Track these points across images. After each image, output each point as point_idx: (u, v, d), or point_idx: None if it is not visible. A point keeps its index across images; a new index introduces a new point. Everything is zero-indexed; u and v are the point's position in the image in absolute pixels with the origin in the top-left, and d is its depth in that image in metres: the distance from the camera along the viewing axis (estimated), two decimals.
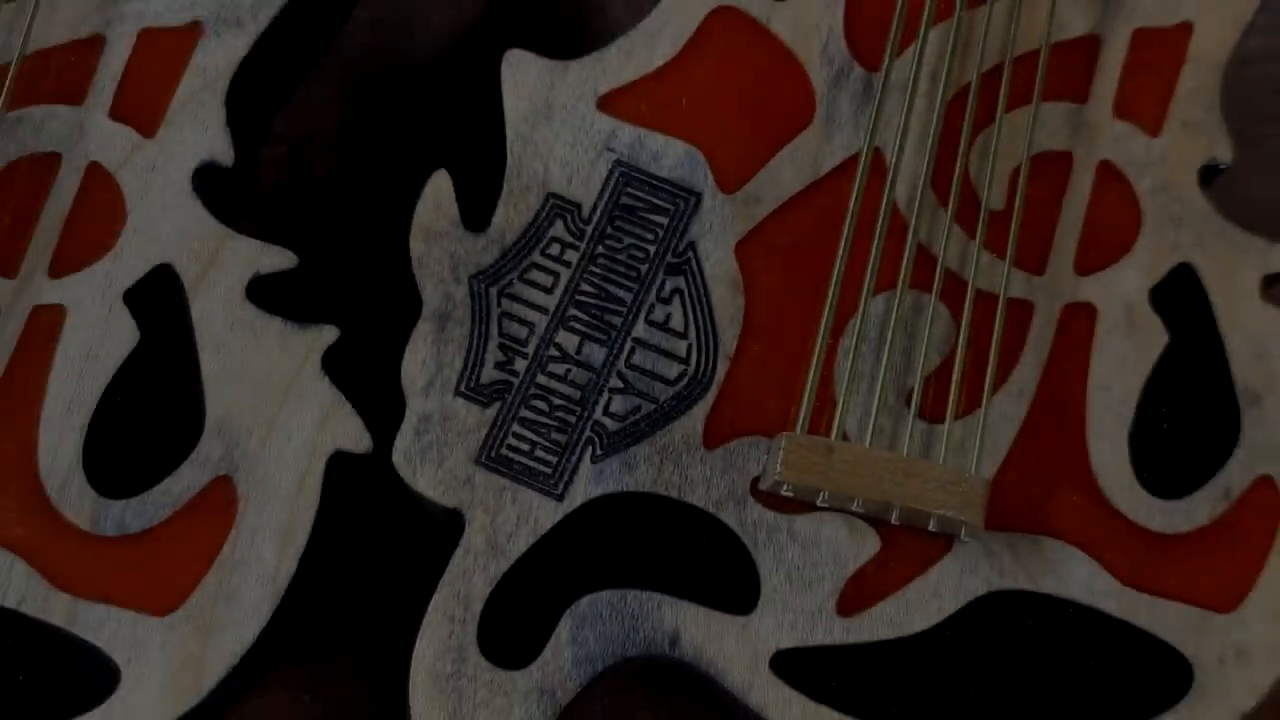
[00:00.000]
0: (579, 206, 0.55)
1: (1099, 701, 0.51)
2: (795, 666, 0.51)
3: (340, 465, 0.52)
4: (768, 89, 0.56)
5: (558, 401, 0.52)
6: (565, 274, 0.54)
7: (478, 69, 0.68)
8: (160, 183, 0.55)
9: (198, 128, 0.55)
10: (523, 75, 0.56)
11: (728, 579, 0.51)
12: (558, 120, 0.55)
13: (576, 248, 0.54)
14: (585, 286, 0.54)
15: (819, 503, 0.51)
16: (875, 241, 0.54)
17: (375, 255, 0.59)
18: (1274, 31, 0.67)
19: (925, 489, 0.50)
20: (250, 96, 0.58)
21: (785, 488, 0.51)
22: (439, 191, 0.55)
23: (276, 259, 0.54)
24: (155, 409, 0.53)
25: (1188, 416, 0.54)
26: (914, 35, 0.56)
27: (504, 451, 0.52)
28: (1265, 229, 0.57)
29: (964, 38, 0.56)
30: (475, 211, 0.55)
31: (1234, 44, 0.57)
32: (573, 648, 0.50)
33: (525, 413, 0.52)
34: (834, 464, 0.50)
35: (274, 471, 0.52)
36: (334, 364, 0.53)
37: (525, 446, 0.52)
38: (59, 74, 0.56)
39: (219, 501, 0.52)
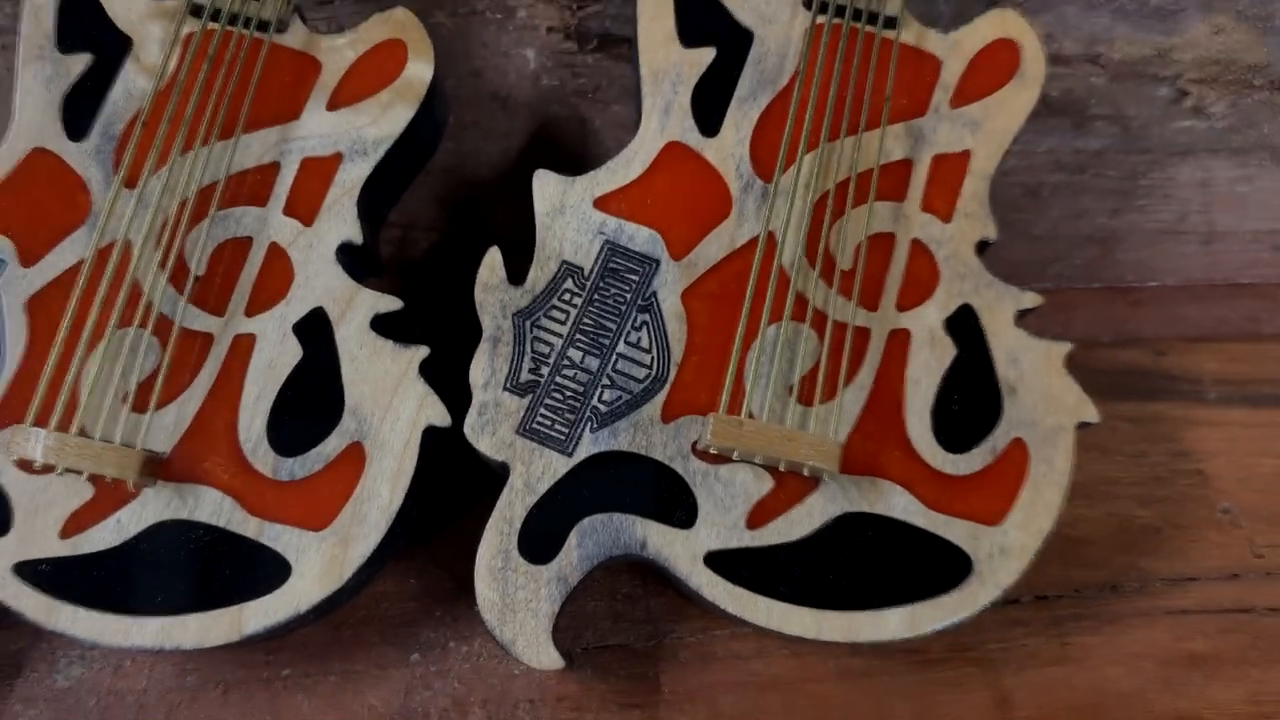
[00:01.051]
0: (582, 269, 0.54)
1: (913, 582, 0.51)
2: (721, 561, 0.51)
3: (431, 435, 0.52)
4: (701, 193, 0.55)
5: (569, 394, 0.52)
6: (573, 312, 0.53)
7: (522, 180, 0.68)
8: (316, 255, 0.54)
9: (339, 220, 0.55)
10: (546, 186, 0.55)
11: (678, 505, 0.51)
12: (568, 214, 0.55)
13: (581, 295, 0.54)
14: (586, 320, 0.53)
15: (734, 457, 0.51)
16: (769, 291, 0.53)
17: (454, 302, 0.59)
18: (1022, 154, 0.67)
19: (801, 449, 0.50)
20: (374, 199, 0.57)
21: (712, 448, 0.50)
22: (493, 260, 0.54)
23: (389, 304, 0.54)
24: (313, 399, 0.53)
25: (969, 401, 0.53)
26: (794, 159, 0.55)
27: (534, 425, 0.52)
28: (1017, 278, 0.57)
29: (825, 161, 0.55)
30: (517, 272, 0.54)
31: (998, 162, 0.56)
32: (579, 550, 0.50)
33: (548, 401, 0.52)
34: (743, 433, 0.50)
35: (389, 439, 0.52)
36: (427, 370, 0.53)
37: (548, 422, 0.52)
38: (251, 187, 0.55)
39: (354, 458, 0.52)
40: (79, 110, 0.56)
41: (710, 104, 0.56)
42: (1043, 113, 0.66)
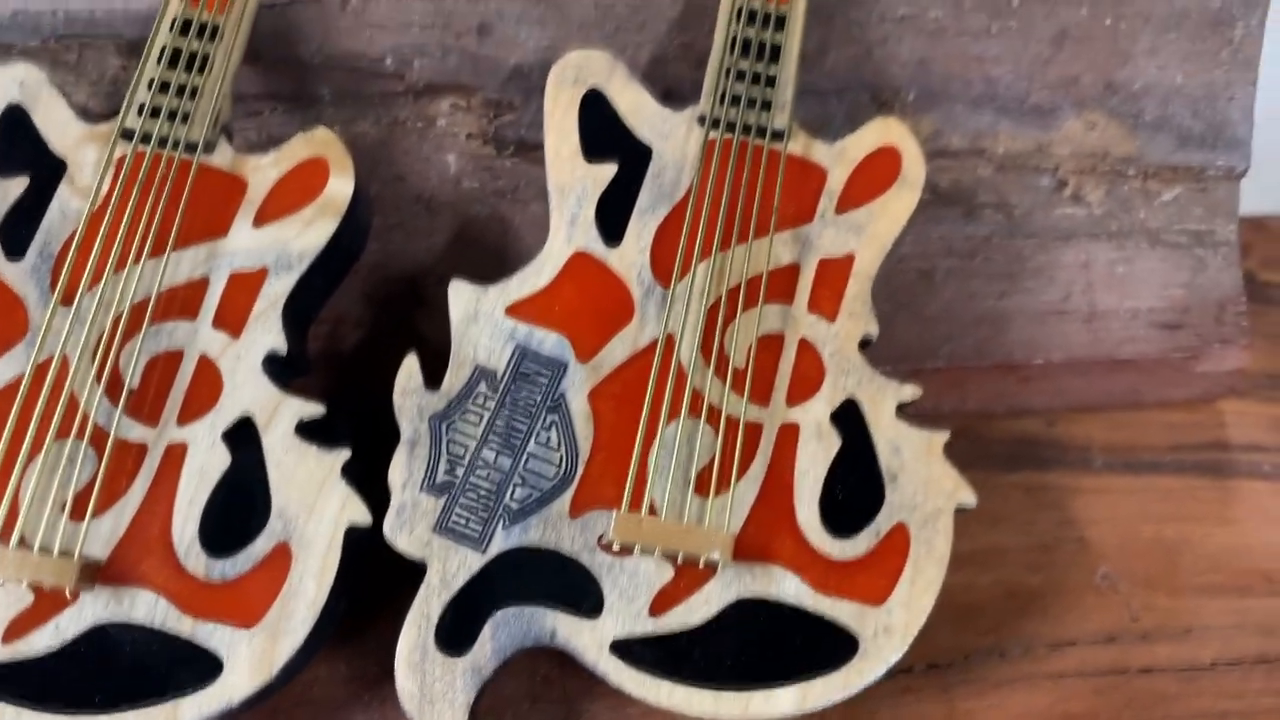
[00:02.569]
0: (495, 373, 0.58)
1: (803, 661, 0.55)
2: (625, 648, 0.55)
3: (354, 534, 0.56)
4: (606, 300, 0.59)
5: (482, 493, 0.57)
6: (487, 415, 0.58)
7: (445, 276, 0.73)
8: (243, 366, 0.58)
9: (265, 332, 0.59)
10: (460, 295, 0.60)
11: (585, 596, 0.55)
12: (482, 321, 0.59)
13: (494, 398, 0.58)
14: (499, 422, 0.58)
15: (637, 551, 0.55)
16: (668, 390, 0.57)
17: (382, 395, 0.61)
18: (916, 241, 0.72)
19: (697, 542, 0.55)
20: (301, 307, 0.61)
21: (615, 544, 0.55)
22: (410, 366, 0.59)
23: (313, 410, 0.58)
24: (242, 503, 0.57)
25: (854, 489, 0.57)
26: (689, 267, 0.59)
27: (450, 524, 0.56)
28: (912, 357, 0.61)
29: (719, 268, 0.59)
30: (433, 376, 0.59)
31: (880, 263, 0.61)
32: (492, 643, 0.54)
33: (463, 500, 0.56)
34: (643, 530, 0.55)
35: (313, 538, 0.56)
36: (349, 471, 0.57)
37: (463, 520, 0.56)
38: (182, 302, 0.59)
39: (281, 558, 0.56)
40: (16, 231, 0.60)
41: (613, 215, 0.61)
42: (934, 202, 0.72)
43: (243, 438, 0.58)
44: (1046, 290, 0.73)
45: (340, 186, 0.61)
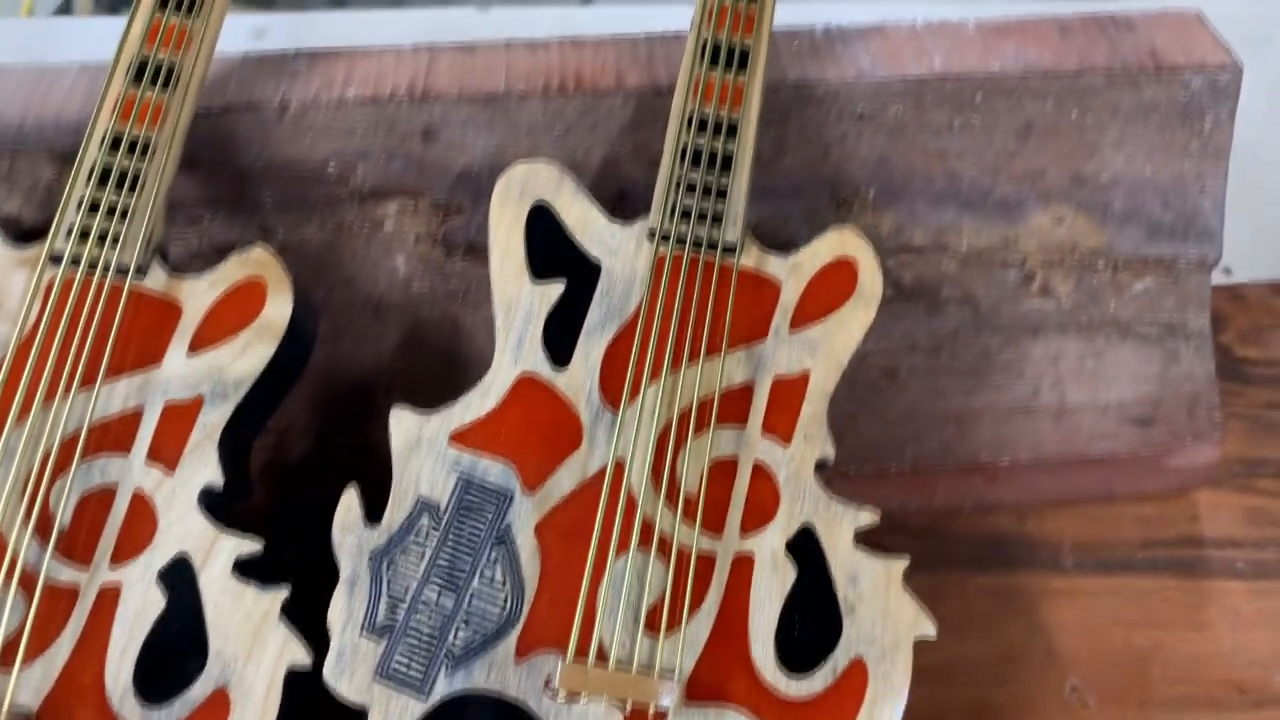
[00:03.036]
0: (438, 505, 0.57)
1: None
2: None
3: (292, 677, 0.54)
4: (553, 425, 0.58)
5: (425, 635, 0.55)
6: (429, 550, 0.56)
7: (396, 382, 0.71)
8: (179, 501, 0.56)
9: (201, 465, 0.57)
10: (402, 423, 0.58)
11: None
12: (424, 450, 0.57)
13: (437, 532, 0.56)
14: (442, 558, 0.56)
15: (582, 699, 0.54)
16: (617, 521, 0.56)
17: (329, 508, 0.59)
18: (879, 338, 0.70)
19: (644, 690, 0.53)
20: (240, 431, 0.59)
21: (561, 694, 0.53)
22: (349, 500, 0.57)
23: (250, 546, 0.56)
24: (178, 646, 0.55)
25: (810, 622, 0.56)
26: (639, 390, 0.57)
27: (391, 669, 0.55)
28: (875, 459, 0.59)
29: (669, 390, 0.58)
30: (374, 510, 0.57)
31: (837, 381, 0.59)
32: None
33: (405, 643, 0.55)
34: (589, 679, 0.53)
35: (252, 682, 0.54)
36: (288, 610, 0.55)
37: (404, 664, 0.55)
38: (115, 435, 0.57)
39: (219, 704, 0.54)
40: None
41: (561, 335, 0.59)
42: (897, 298, 0.70)
43: (178, 578, 0.56)
44: (1015, 386, 0.72)
45: (278, 309, 0.60)
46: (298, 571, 0.58)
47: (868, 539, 0.58)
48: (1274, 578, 0.71)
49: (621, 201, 0.68)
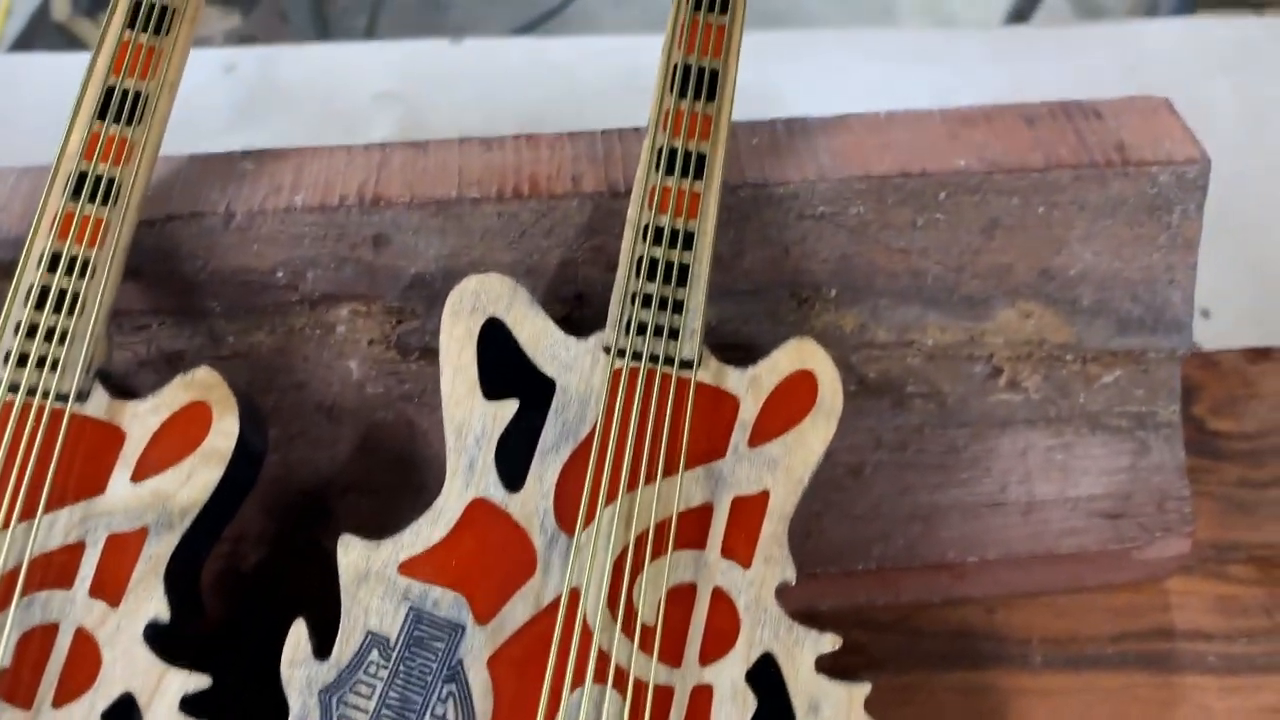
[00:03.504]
0: (388, 639, 0.55)
1: None
2: None
3: None
4: (507, 552, 0.57)
5: None
6: (380, 685, 0.55)
7: (351, 486, 0.70)
8: (123, 637, 0.55)
9: (146, 598, 0.55)
10: (350, 552, 0.57)
11: None
12: (373, 581, 0.56)
13: (387, 667, 0.55)
14: (392, 695, 0.55)
15: None
16: (572, 654, 0.55)
17: (284, 618, 0.59)
18: (843, 434, 0.69)
19: None
20: (189, 556, 0.58)
21: None
22: (298, 634, 0.56)
23: (198, 683, 0.55)
24: None
25: None
26: (594, 513, 0.56)
27: None
28: (840, 560, 0.58)
29: (626, 513, 0.56)
30: (323, 644, 0.56)
31: (797, 501, 0.58)
32: None
33: None
34: None
35: None
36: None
37: None
38: (57, 569, 0.56)
39: None
40: None
41: (514, 457, 0.58)
42: (861, 393, 0.69)
43: (124, 717, 0.55)
44: (982, 481, 0.70)
45: (224, 433, 0.58)
46: (248, 702, 0.57)
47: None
48: (1244, 673, 0.70)
49: (580, 303, 0.67)
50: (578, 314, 0.67)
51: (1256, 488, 0.80)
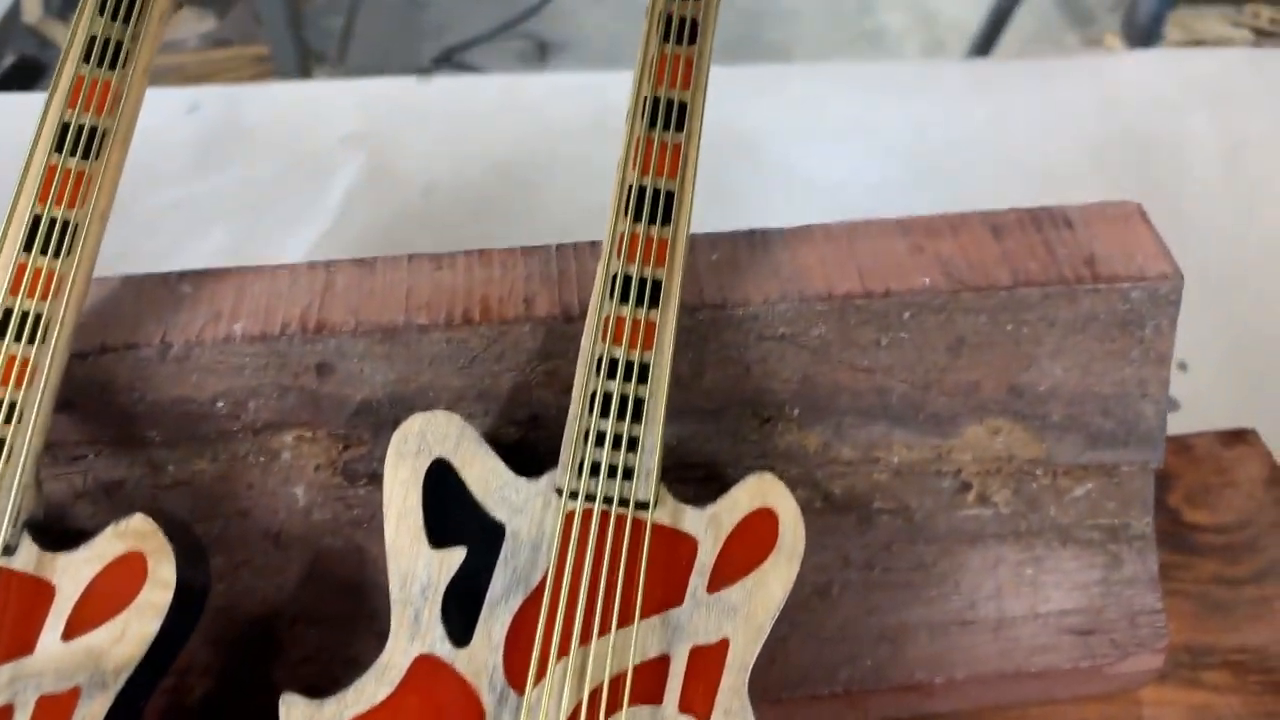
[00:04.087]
0: None
1: None
2: None
3: None
4: (454, 710, 0.54)
5: None
6: None
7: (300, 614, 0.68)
8: None
9: None
10: (293, 712, 0.54)
11: None
12: None
13: None
14: None
15: None
16: None
17: None
18: (808, 552, 0.67)
19: None
20: (125, 710, 0.56)
21: None
22: None
23: None
24: None
25: None
26: (545, 669, 0.54)
27: None
28: (806, 683, 0.56)
29: (579, 667, 0.54)
30: None
31: (757, 651, 0.56)
32: None
33: None
34: None
35: None
36: None
37: None
38: None
39: None
40: None
41: (461, 610, 0.56)
42: (827, 510, 0.67)
43: None
44: (951, 599, 0.69)
45: (160, 584, 0.56)
46: None
47: None
48: None
49: (534, 424, 0.64)
50: (532, 436, 0.64)
51: (1232, 585, 0.78)
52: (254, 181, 1.44)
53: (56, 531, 0.61)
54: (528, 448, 0.64)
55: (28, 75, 2.74)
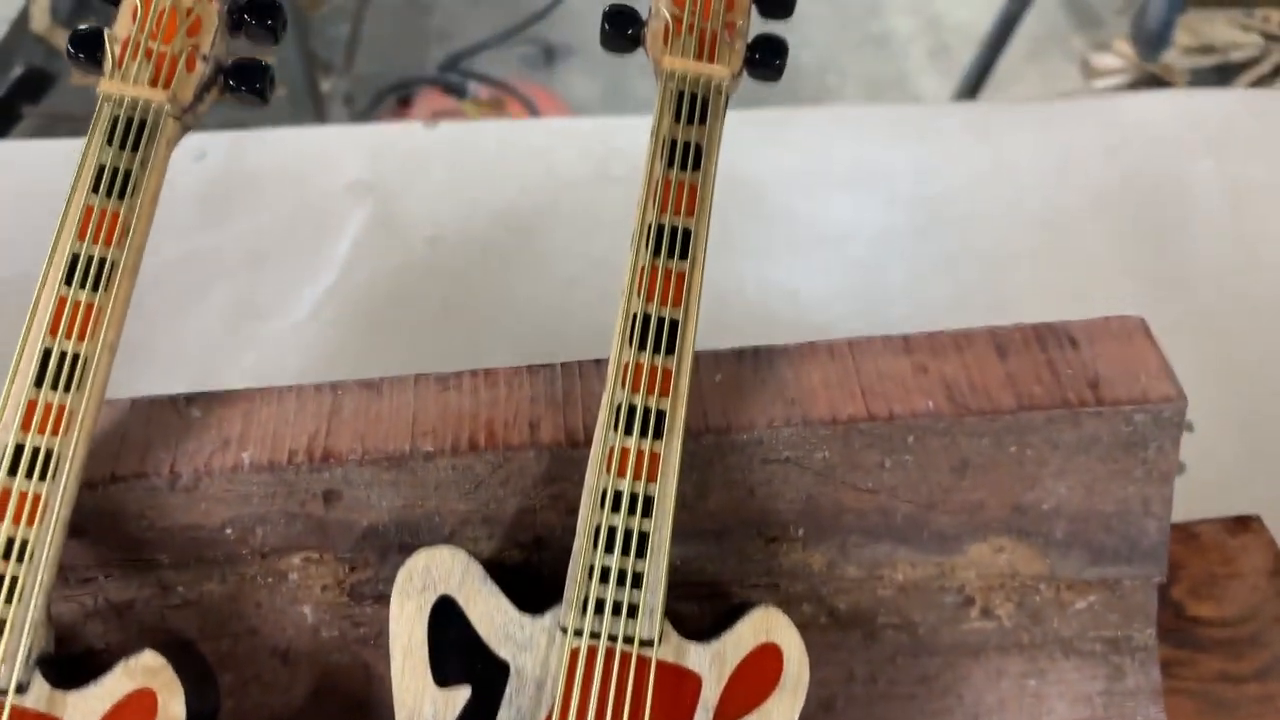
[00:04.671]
0: None
1: None
2: None
3: None
4: None
5: None
6: None
7: None
8: None
9: None
10: None
11: None
12: None
13: None
14: None
15: None
16: None
17: None
18: (813, 667, 0.68)
19: None
20: None
21: None
22: None
23: None
24: None
25: None
26: None
27: None
28: None
29: None
30: None
31: None
32: None
33: None
34: None
35: None
36: None
37: None
38: None
39: None
40: None
41: None
42: (831, 626, 0.68)
43: None
44: (954, 712, 0.69)
45: (171, 718, 0.57)
46: None
47: None
48: None
49: (539, 547, 0.65)
50: (536, 558, 0.65)
51: (1236, 683, 0.78)
52: (260, 232, 1.44)
53: (67, 655, 0.62)
54: (532, 569, 0.65)
55: (36, 85, 2.75)
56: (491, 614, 0.58)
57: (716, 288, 0.69)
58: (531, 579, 0.64)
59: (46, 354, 0.59)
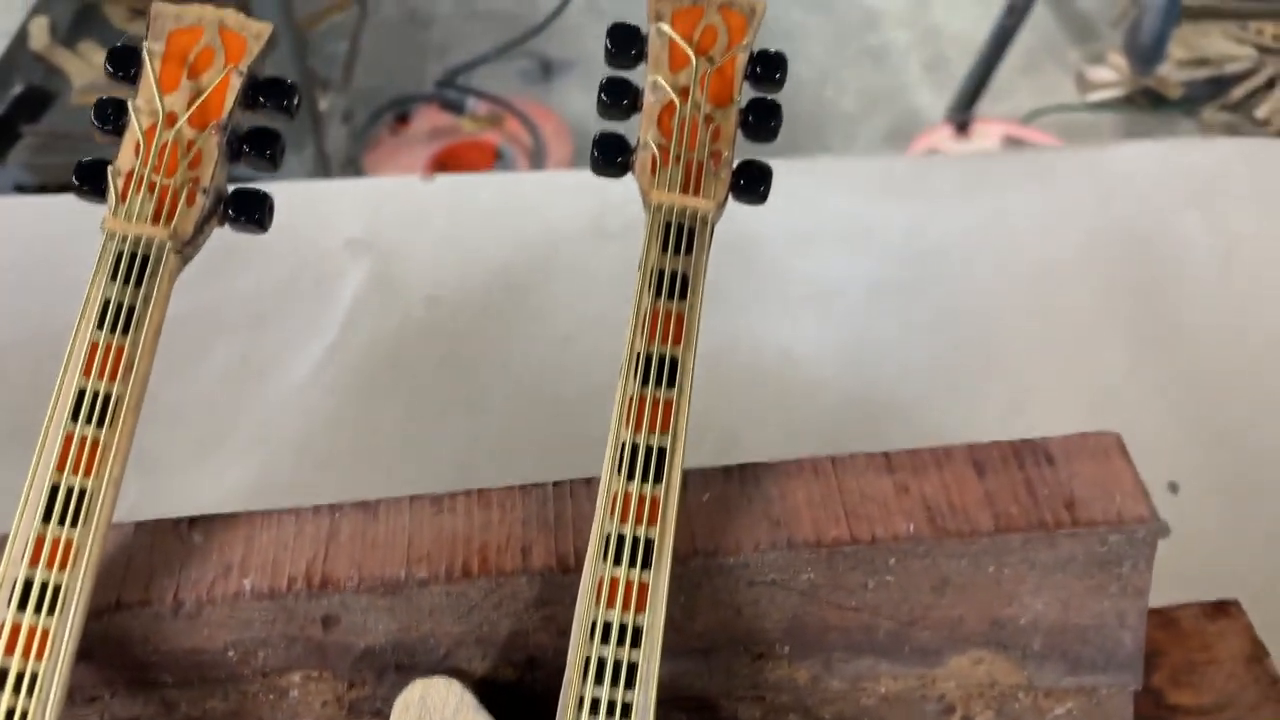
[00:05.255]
0: None
1: None
2: None
3: None
4: None
5: None
6: None
7: None
8: None
9: None
10: None
11: None
12: None
13: None
14: None
15: None
16: None
17: None
18: None
19: None
20: None
21: None
22: None
23: None
24: None
25: None
26: None
27: None
28: None
29: None
30: None
31: None
32: None
33: None
34: None
35: None
36: None
37: None
38: None
39: None
40: None
41: None
42: None
43: None
44: None
45: None
46: None
47: None
48: None
49: (531, 666, 0.67)
50: (529, 678, 0.67)
51: None
52: (259, 292, 1.46)
53: None
54: (525, 688, 0.67)
55: (35, 104, 2.76)
56: None
57: (708, 345, 0.71)
58: (525, 699, 0.66)
59: (54, 490, 0.60)
